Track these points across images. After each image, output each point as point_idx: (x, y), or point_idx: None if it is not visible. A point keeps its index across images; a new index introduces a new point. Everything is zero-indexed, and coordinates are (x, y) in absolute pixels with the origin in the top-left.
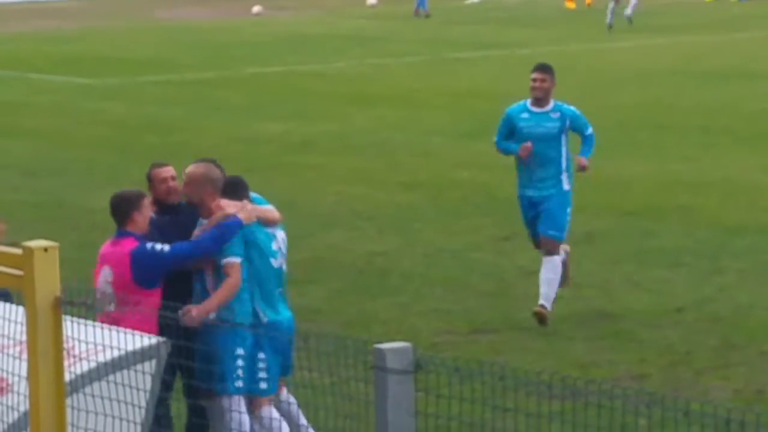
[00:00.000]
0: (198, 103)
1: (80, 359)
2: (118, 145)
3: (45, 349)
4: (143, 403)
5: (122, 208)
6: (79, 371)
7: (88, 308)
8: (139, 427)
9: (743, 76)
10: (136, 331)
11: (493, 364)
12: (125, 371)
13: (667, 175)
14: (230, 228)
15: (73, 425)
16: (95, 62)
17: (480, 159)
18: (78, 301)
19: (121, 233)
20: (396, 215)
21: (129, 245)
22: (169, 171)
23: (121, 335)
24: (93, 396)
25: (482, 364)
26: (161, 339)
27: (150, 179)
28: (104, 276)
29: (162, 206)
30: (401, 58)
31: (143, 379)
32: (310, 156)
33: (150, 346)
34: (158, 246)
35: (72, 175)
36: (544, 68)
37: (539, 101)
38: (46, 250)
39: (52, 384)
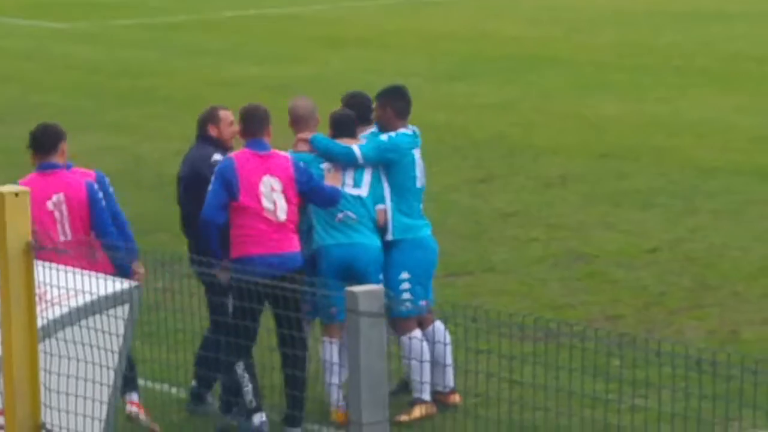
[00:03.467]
0: (172, 47)
1: (52, 304)
2: (90, 90)
3: (17, 294)
4: (116, 348)
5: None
6: (51, 316)
7: (58, 253)
8: (112, 372)
9: (720, 17)
10: (108, 276)
11: (466, 306)
12: (98, 316)
13: (643, 116)
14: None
15: (45, 370)
16: (65, 6)
17: (456, 101)
18: (49, 247)
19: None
20: None
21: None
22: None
23: (94, 280)
24: (66, 341)
25: (455, 307)
26: (134, 283)
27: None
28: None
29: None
30: (377, 0)
31: (116, 323)
32: (286, 99)
33: (123, 291)
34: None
35: (43, 120)
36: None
37: None
38: (17, 195)
39: (25, 329)
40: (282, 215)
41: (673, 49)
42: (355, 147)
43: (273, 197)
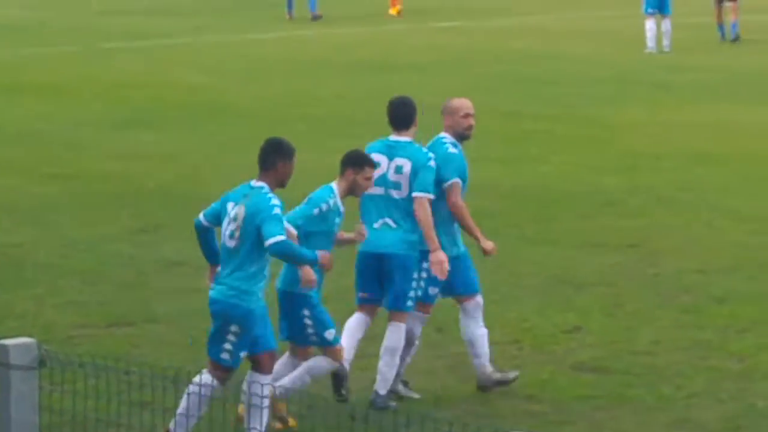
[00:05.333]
0: None
1: None
2: None
3: None
4: None
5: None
6: None
7: None
8: None
9: (385, 68)
10: None
11: (119, 359)
12: None
13: (322, 165)
14: None
15: None
16: None
17: (130, 150)
18: None
19: None
20: (34, 207)
21: None
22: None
23: None
24: None
25: (107, 359)
26: None
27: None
28: None
29: None
30: (55, 47)
31: None
32: None
33: None
34: None
35: None
36: None
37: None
38: None
39: None
40: None
41: (341, 99)
42: None
43: None
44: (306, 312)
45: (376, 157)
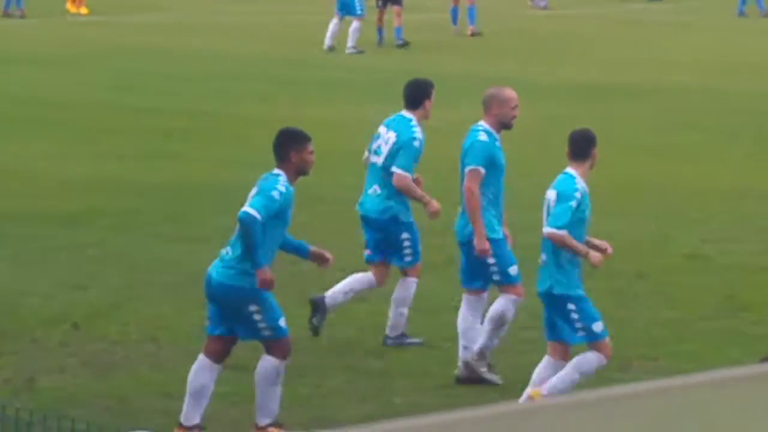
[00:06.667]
0: None
1: None
2: None
3: None
4: None
5: None
6: None
7: None
8: None
9: (26, 62)
10: None
11: None
12: None
13: None
14: None
15: None
16: None
17: None
18: None
19: None
20: None
21: None
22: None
23: None
24: None
25: None
26: None
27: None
28: None
29: None
30: None
31: None
32: None
33: None
34: None
35: None
36: None
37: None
38: None
39: None
40: None
41: None
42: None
43: None
44: (571, 306)
45: (379, 128)
